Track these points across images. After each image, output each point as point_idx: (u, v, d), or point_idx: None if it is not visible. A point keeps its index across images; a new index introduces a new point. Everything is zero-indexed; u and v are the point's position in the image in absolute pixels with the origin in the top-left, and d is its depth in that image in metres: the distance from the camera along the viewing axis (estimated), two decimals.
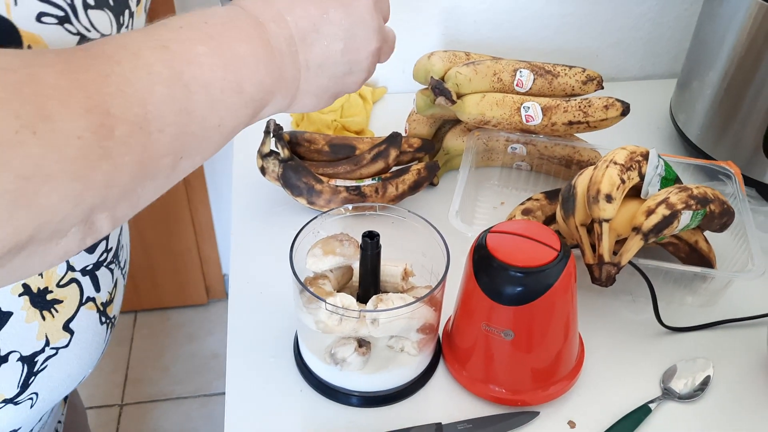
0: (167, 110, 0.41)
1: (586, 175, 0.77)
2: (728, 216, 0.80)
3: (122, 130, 0.38)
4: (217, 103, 0.45)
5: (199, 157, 0.46)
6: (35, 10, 0.45)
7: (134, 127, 0.39)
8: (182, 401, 1.75)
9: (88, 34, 0.48)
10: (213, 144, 0.47)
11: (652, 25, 1.20)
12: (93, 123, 0.37)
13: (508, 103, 0.92)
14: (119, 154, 0.38)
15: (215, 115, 0.45)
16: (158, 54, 0.42)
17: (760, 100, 0.93)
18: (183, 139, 0.43)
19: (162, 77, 0.41)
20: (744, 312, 0.82)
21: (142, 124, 0.40)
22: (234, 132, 0.48)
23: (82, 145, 0.36)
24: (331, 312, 0.66)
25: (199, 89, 0.43)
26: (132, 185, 0.41)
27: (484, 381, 0.72)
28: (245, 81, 0.47)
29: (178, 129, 0.42)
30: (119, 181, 0.39)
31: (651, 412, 0.72)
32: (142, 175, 0.41)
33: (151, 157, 0.41)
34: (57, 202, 0.36)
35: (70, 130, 0.36)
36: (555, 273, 0.65)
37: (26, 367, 0.61)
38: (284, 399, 0.73)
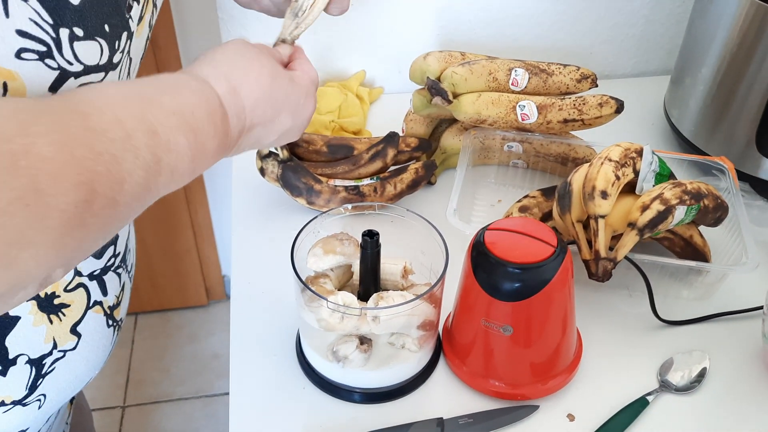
0: (138, 190, 0.44)
1: (582, 173, 0.78)
2: (722, 210, 0.81)
3: (99, 204, 0.41)
4: (172, 183, 0.49)
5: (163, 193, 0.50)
6: (15, 46, 0.45)
7: (110, 202, 0.42)
8: (184, 402, 1.76)
9: (69, 68, 0.48)
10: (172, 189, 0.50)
11: (645, 22, 1.21)
12: (79, 198, 0.39)
13: (504, 102, 0.93)
14: (92, 224, 0.41)
15: (165, 190, 0.49)
16: (147, 139, 0.45)
17: (752, 95, 0.94)
18: (137, 208, 0.47)
19: (144, 162, 0.44)
20: (739, 305, 0.83)
21: (117, 199, 0.42)
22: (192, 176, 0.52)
23: (63, 216, 0.39)
24: (332, 310, 0.67)
25: (167, 173, 0.47)
26: (93, 247, 0.44)
27: (484, 376, 0.73)
28: (200, 168, 0.52)
29: (138, 202, 0.46)
30: (86, 246, 0.43)
31: (648, 404, 0.73)
32: (102, 238, 0.45)
33: (113, 224, 0.44)
34: (33, 267, 0.39)
35: (57, 204, 0.38)
36: (552, 269, 0.67)
37: (34, 370, 0.62)
38: (287, 396, 0.74)
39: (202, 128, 0.50)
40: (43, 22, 0.46)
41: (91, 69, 0.50)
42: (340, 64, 1.18)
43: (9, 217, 0.36)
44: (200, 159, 0.51)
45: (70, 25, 0.47)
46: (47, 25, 0.46)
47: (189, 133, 0.49)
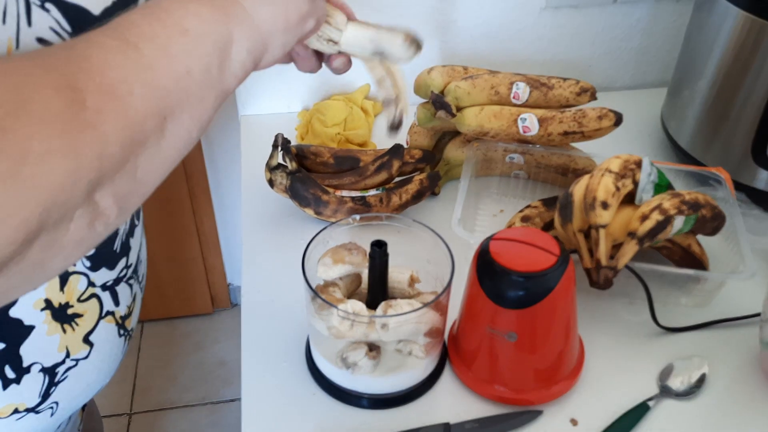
0: (128, 72, 0.42)
1: (583, 184, 0.80)
2: (719, 220, 0.83)
3: (93, 100, 0.39)
4: (171, 50, 0.45)
5: (186, 116, 0.46)
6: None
7: (103, 94, 0.40)
8: (190, 409, 1.77)
9: None
10: (192, 96, 0.47)
11: (642, 35, 1.23)
12: (65, 99, 0.38)
13: (506, 115, 0.96)
14: (99, 123, 0.39)
15: (176, 63, 0.45)
16: (104, 32, 0.44)
17: (748, 107, 0.96)
18: (158, 96, 0.44)
19: (111, 46, 0.43)
20: (737, 312, 0.85)
21: (109, 90, 0.41)
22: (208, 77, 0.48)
23: (61, 121, 0.38)
24: (342, 318, 0.69)
25: (147, 44, 0.44)
26: (123, 154, 0.41)
27: (489, 382, 0.75)
28: (184, 21, 0.47)
29: (147, 87, 0.43)
30: (109, 150, 0.40)
31: (650, 409, 0.75)
32: (129, 141, 0.42)
33: (131, 120, 0.42)
34: (56, 180, 0.37)
35: (48, 110, 0.37)
36: (555, 277, 0.69)
37: (47, 378, 0.63)
38: (298, 403, 0.76)
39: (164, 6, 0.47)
40: (63, 31, 0.48)
41: None
42: (345, 78, 1.20)
43: (8, 132, 0.35)
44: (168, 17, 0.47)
45: None
46: (66, 33, 0.48)
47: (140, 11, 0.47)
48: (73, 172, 0.38)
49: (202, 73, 0.47)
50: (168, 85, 0.44)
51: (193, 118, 0.47)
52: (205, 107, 0.48)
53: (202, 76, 0.47)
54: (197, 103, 0.47)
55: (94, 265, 0.64)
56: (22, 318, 0.59)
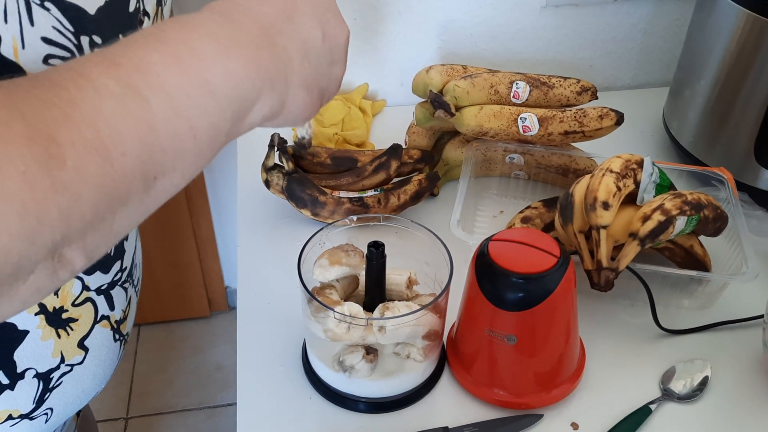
0: (125, 128, 0.37)
1: (583, 184, 0.79)
2: (722, 221, 0.82)
3: (74, 158, 0.35)
4: (184, 109, 0.40)
5: (178, 174, 0.42)
6: (42, 53, 0.45)
7: (89, 152, 0.36)
8: (187, 413, 1.76)
9: None
10: (191, 157, 0.42)
11: (643, 35, 1.22)
12: (38, 154, 0.34)
13: (506, 115, 0.95)
14: (75, 184, 0.35)
15: (185, 124, 0.40)
16: (107, 70, 0.38)
17: (750, 106, 0.96)
18: (152, 157, 0.39)
19: (113, 93, 0.37)
20: (739, 314, 0.84)
21: (98, 147, 0.36)
22: (215, 140, 0.43)
23: (27, 179, 0.33)
24: (339, 320, 0.68)
25: (158, 97, 0.39)
26: (98, 215, 0.37)
27: (488, 385, 0.74)
28: (214, 77, 0.42)
29: (144, 147, 0.38)
30: (80, 212, 0.36)
31: (651, 412, 0.73)
32: (108, 202, 0.37)
33: (115, 182, 0.37)
34: (8, 243, 0.33)
35: (13, 165, 0.33)
36: (555, 279, 0.68)
37: (42, 384, 0.62)
38: (294, 407, 0.75)
39: (177, 36, 0.42)
40: (65, 30, 0.47)
41: None
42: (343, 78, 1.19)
43: None
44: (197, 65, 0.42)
45: (89, 33, 0.48)
46: (69, 32, 0.47)
47: (160, 46, 0.41)
48: (29, 235, 0.34)
49: (209, 135, 0.42)
50: (167, 147, 0.40)
51: (186, 175, 0.43)
52: (201, 164, 0.43)
53: (209, 138, 0.42)
54: (194, 161, 0.42)
55: (89, 269, 0.62)
56: (15, 323, 0.58)
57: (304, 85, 0.50)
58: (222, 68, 0.42)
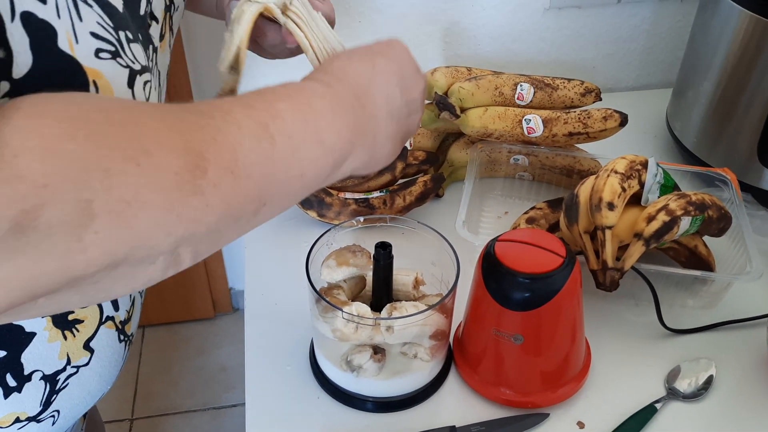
0: (255, 158, 0.44)
1: (588, 184, 0.80)
2: (726, 221, 0.82)
3: (214, 172, 0.41)
4: (300, 152, 0.48)
5: (278, 206, 0.48)
6: (93, 47, 0.47)
7: (225, 171, 0.42)
8: (192, 414, 1.76)
9: (133, 66, 0.51)
10: (294, 194, 0.49)
11: (646, 36, 1.23)
12: (189, 162, 0.40)
13: (510, 116, 0.95)
14: (210, 194, 0.41)
15: (298, 165, 0.48)
16: (246, 111, 0.46)
17: (754, 107, 0.96)
18: (268, 186, 0.46)
19: (250, 129, 0.45)
20: (743, 313, 0.84)
21: (233, 168, 0.43)
22: (315, 183, 0.51)
23: (177, 180, 0.40)
24: (347, 320, 0.69)
25: (283, 140, 0.46)
26: (217, 225, 0.43)
27: (495, 384, 0.74)
28: (324, 131, 0.50)
29: (264, 176, 0.45)
30: (207, 218, 0.42)
31: (657, 411, 0.74)
32: (227, 216, 0.44)
33: (238, 200, 0.44)
34: (151, 228, 0.39)
35: (168, 166, 0.39)
36: (561, 278, 0.68)
37: (48, 386, 0.63)
38: (302, 406, 0.75)
39: (298, 94, 0.50)
40: (107, 26, 0.49)
41: (145, 69, 0.53)
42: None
43: (123, 176, 0.37)
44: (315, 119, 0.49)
45: (124, 29, 0.51)
46: (110, 28, 0.49)
47: (286, 99, 0.49)
48: (168, 227, 0.40)
49: (313, 179, 0.50)
50: (281, 180, 0.47)
51: (285, 206, 0.50)
52: (295, 201, 0.51)
53: (312, 181, 0.50)
54: (294, 198, 0.50)
55: None
56: (23, 325, 0.59)
57: (389, 138, 0.57)
58: (332, 125, 0.51)
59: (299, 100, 0.50)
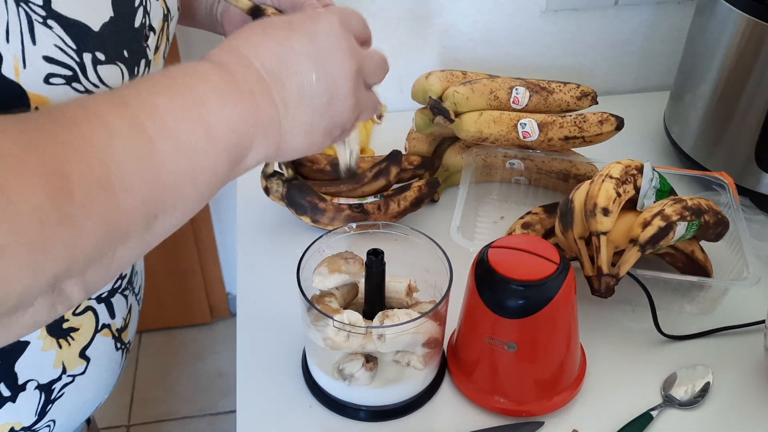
0: (131, 166, 0.39)
1: (583, 190, 0.79)
2: (723, 226, 0.82)
3: (82, 193, 0.36)
4: (186, 151, 0.42)
5: (178, 213, 0.43)
6: (43, 72, 0.45)
7: (95, 188, 0.37)
8: (189, 420, 1.76)
9: (96, 90, 0.49)
10: (190, 198, 0.44)
11: (644, 39, 1.22)
12: (50, 189, 0.35)
13: (505, 120, 0.95)
14: (81, 218, 0.36)
15: (187, 165, 0.42)
16: (118, 110, 0.40)
17: (751, 111, 0.95)
18: (154, 196, 0.41)
19: (122, 133, 0.39)
20: (741, 319, 0.84)
21: (105, 183, 0.37)
22: (213, 182, 0.45)
23: (38, 213, 0.35)
24: (338, 329, 0.68)
25: (164, 139, 0.41)
26: (100, 250, 0.39)
27: (489, 393, 0.74)
28: (213, 123, 0.44)
29: (147, 185, 0.40)
30: (83, 246, 0.37)
31: (653, 419, 0.73)
32: (109, 238, 0.39)
33: (118, 217, 0.39)
34: (14, 275, 0.34)
35: (25, 200, 0.34)
36: (555, 286, 0.67)
37: (44, 395, 0.62)
38: (294, 415, 0.74)
39: (182, 82, 0.44)
40: (68, 48, 0.47)
41: None
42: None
43: None
44: (200, 112, 0.43)
45: (93, 50, 0.48)
46: (71, 50, 0.47)
47: (166, 91, 0.43)
48: (35, 267, 0.35)
49: (209, 179, 0.45)
50: (170, 185, 0.42)
51: (185, 214, 0.45)
52: (200, 204, 0.46)
53: (208, 182, 0.45)
54: (192, 202, 0.45)
55: None
56: None
57: (301, 128, 0.50)
58: (221, 114, 0.44)
59: (181, 90, 0.44)
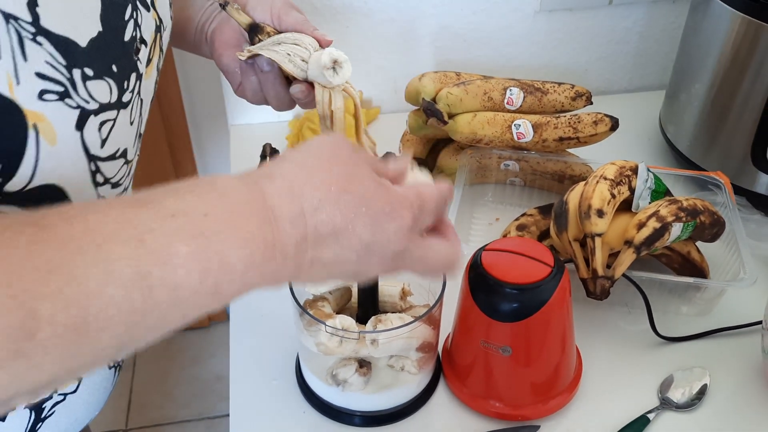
0: (115, 312, 0.36)
1: (578, 191, 0.79)
2: (719, 226, 0.81)
3: (48, 332, 0.34)
4: (183, 304, 0.39)
5: (152, 338, 0.40)
6: (37, 89, 0.45)
7: (65, 329, 0.34)
8: (186, 425, 1.75)
9: (86, 106, 0.49)
10: (166, 332, 0.40)
11: (639, 38, 1.21)
12: (10, 322, 0.33)
13: (500, 122, 0.94)
14: (37, 355, 0.34)
15: (177, 314, 0.39)
16: (127, 250, 0.37)
17: (747, 110, 0.95)
18: (129, 336, 0.38)
19: (121, 278, 0.36)
20: (738, 320, 0.83)
21: (78, 326, 0.35)
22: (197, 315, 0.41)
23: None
24: (331, 334, 0.67)
25: (163, 291, 0.38)
26: (55, 379, 0.36)
27: (484, 397, 0.73)
28: (225, 285, 0.41)
29: (125, 328, 0.37)
30: (34, 378, 0.35)
31: (650, 422, 0.72)
32: (68, 369, 0.36)
33: (82, 354, 0.36)
34: None
35: None
36: (550, 288, 0.67)
37: (34, 414, 0.61)
38: (288, 421, 0.74)
39: (217, 231, 0.40)
40: (58, 64, 0.46)
41: (105, 107, 0.51)
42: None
43: None
44: (219, 273, 0.40)
45: (81, 66, 0.48)
46: (62, 66, 0.46)
47: (195, 238, 0.39)
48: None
49: (192, 319, 0.41)
50: (149, 327, 0.38)
51: (151, 341, 0.40)
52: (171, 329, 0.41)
53: (190, 321, 0.41)
54: (164, 330, 0.40)
55: None
56: None
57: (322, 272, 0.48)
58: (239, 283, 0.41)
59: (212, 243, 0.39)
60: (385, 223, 0.46)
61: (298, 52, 0.68)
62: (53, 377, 0.36)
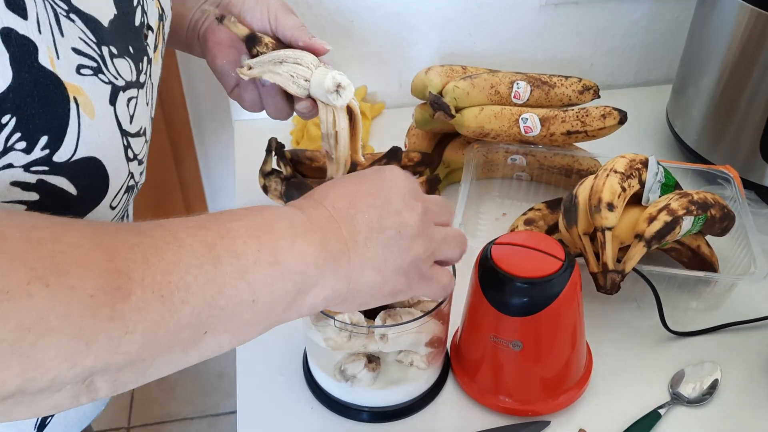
0: (193, 281, 0.40)
1: (587, 185, 0.78)
2: (729, 220, 0.80)
3: (139, 296, 0.37)
4: (249, 275, 0.43)
5: (227, 335, 0.44)
6: (74, 63, 0.46)
7: (153, 294, 0.38)
8: (190, 422, 1.75)
9: (115, 82, 0.50)
10: (244, 322, 0.44)
11: (645, 32, 1.21)
12: (108, 283, 0.36)
13: (507, 115, 0.93)
14: (132, 320, 0.37)
15: (247, 288, 0.43)
16: (193, 230, 0.42)
17: (755, 103, 0.94)
18: (208, 312, 0.41)
19: (192, 249, 0.41)
20: (748, 314, 0.82)
21: (164, 292, 0.39)
22: (272, 312, 0.46)
23: (92, 303, 0.36)
24: (340, 329, 0.67)
25: (229, 260, 0.42)
26: (141, 355, 0.39)
27: (493, 392, 0.72)
28: (281, 251, 0.45)
29: (204, 301, 0.41)
30: (126, 348, 0.38)
31: (661, 417, 0.72)
32: (154, 345, 0.39)
33: (168, 327, 0.39)
34: (52, 359, 0.35)
35: (83, 287, 0.35)
36: (560, 282, 0.66)
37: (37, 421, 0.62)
38: (295, 417, 0.73)
39: (256, 214, 0.46)
40: (89, 41, 0.48)
41: (130, 84, 0.52)
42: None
43: (26, 298, 0.34)
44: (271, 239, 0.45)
45: (108, 44, 0.50)
46: (93, 43, 0.48)
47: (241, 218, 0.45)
48: (74, 357, 0.36)
49: (268, 305, 0.45)
50: (226, 307, 0.42)
51: (234, 339, 0.45)
52: (251, 333, 0.46)
53: (267, 308, 0.45)
54: (245, 328, 0.45)
55: None
56: None
57: (371, 263, 0.51)
58: (291, 244, 0.46)
59: (255, 219, 0.46)
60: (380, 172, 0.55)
61: (300, 73, 0.70)
62: (141, 349, 0.38)
